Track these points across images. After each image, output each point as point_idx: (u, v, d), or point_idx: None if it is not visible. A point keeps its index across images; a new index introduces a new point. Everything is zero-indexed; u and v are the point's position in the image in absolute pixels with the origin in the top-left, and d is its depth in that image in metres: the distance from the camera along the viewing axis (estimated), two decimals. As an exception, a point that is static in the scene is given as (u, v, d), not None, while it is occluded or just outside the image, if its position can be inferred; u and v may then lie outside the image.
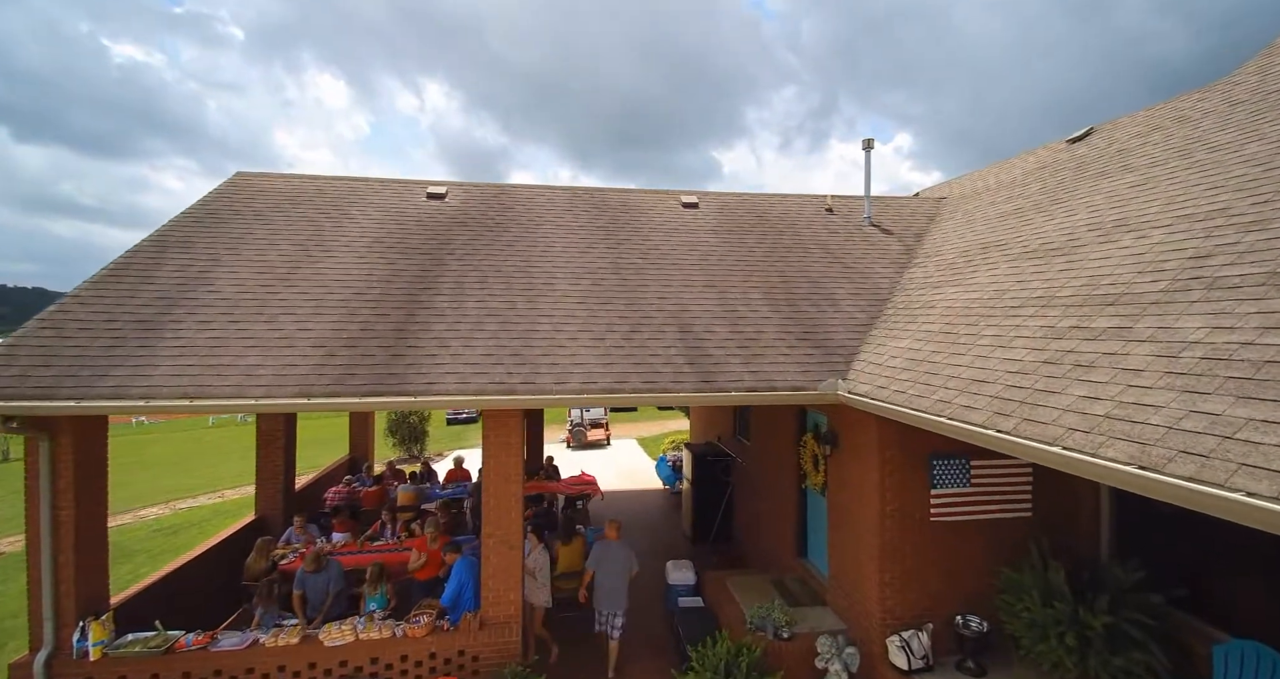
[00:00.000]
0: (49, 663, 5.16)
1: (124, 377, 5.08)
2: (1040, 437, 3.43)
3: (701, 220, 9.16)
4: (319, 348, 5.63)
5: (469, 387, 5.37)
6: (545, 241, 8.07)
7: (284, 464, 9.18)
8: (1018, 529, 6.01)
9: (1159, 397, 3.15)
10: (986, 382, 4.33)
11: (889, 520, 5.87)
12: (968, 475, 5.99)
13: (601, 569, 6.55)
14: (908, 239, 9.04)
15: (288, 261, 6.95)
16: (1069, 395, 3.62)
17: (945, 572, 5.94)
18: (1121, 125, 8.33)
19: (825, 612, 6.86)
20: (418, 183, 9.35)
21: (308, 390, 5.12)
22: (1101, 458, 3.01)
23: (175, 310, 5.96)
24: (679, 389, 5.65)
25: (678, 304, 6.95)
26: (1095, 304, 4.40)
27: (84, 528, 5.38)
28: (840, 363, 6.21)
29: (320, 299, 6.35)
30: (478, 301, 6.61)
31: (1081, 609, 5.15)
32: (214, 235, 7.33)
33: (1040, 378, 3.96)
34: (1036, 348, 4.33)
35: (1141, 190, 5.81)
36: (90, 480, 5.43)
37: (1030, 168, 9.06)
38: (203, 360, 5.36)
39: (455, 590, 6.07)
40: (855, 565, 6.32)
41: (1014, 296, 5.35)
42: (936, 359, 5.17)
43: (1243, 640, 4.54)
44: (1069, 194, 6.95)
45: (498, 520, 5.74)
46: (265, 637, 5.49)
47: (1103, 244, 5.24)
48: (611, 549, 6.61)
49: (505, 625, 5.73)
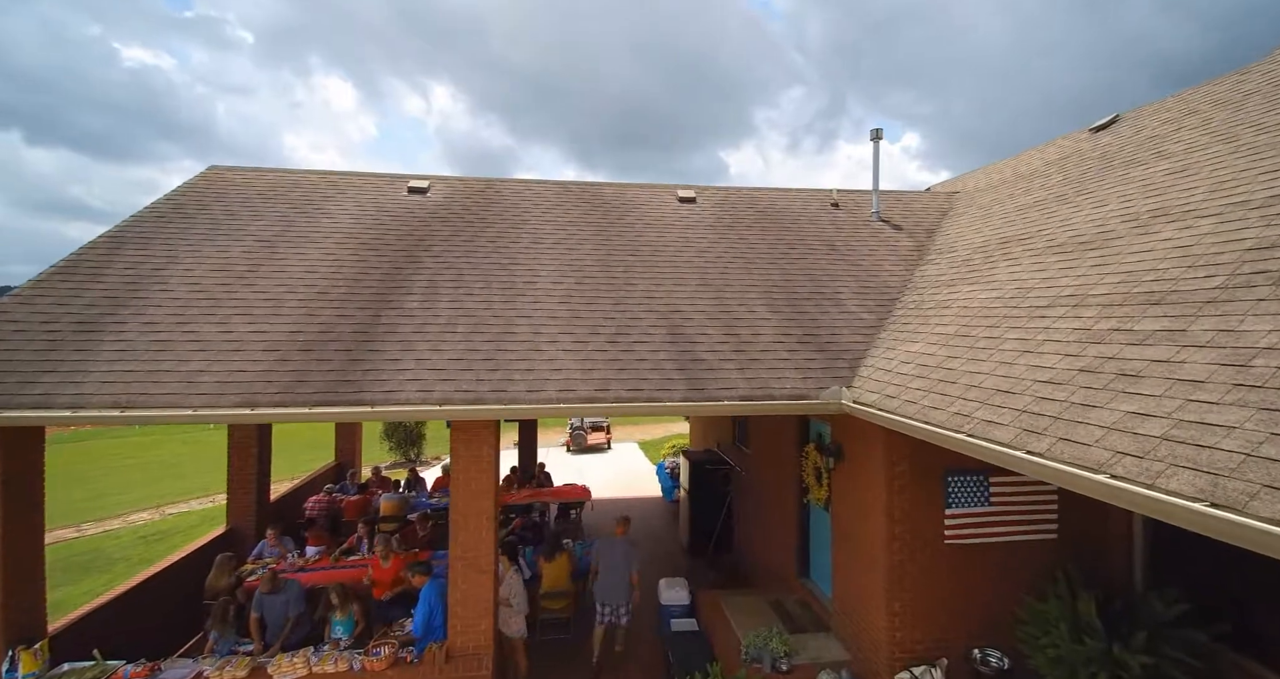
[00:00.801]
0: (-28, 697, 4.70)
1: (52, 384, 4.62)
2: (1082, 461, 2.87)
3: (698, 216, 8.63)
4: (270, 352, 5.14)
5: (433, 395, 4.87)
6: (530, 238, 7.57)
7: (256, 472, 8.70)
8: (1042, 553, 5.44)
9: (1229, 415, 2.59)
10: (1012, 392, 3.77)
11: (898, 542, 5.31)
12: (986, 493, 5.42)
13: (604, 564, 6.70)
14: (919, 235, 8.47)
15: (250, 259, 6.48)
16: (1114, 411, 3.06)
17: (961, 600, 5.38)
18: (1149, 112, 7.73)
19: (829, 639, 6.30)
20: (400, 177, 8.88)
21: (252, 400, 4.62)
22: (1162, 491, 2.46)
23: (121, 311, 5.49)
24: (666, 398, 5.12)
25: (669, 304, 6.42)
26: (1138, 303, 3.83)
27: (14, 548, 4.91)
28: (845, 369, 5.66)
29: (279, 299, 5.87)
30: (451, 301, 6.11)
31: (1116, 646, 4.58)
32: (176, 231, 6.87)
33: (1077, 389, 3.40)
34: (1070, 353, 3.76)
35: (1181, 177, 5.22)
36: (22, 497, 4.96)
37: (1051, 158, 8.47)
38: (142, 366, 4.88)
39: (425, 617, 5.54)
40: (861, 590, 5.76)
41: (1040, 295, 4.79)
42: (953, 366, 4.61)
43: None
44: (1096, 184, 6.37)
45: (466, 542, 5.22)
46: (211, 670, 4.99)
47: (1141, 236, 4.67)
48: (616, 546, 6.77)
49: (475, 658, 5.21)
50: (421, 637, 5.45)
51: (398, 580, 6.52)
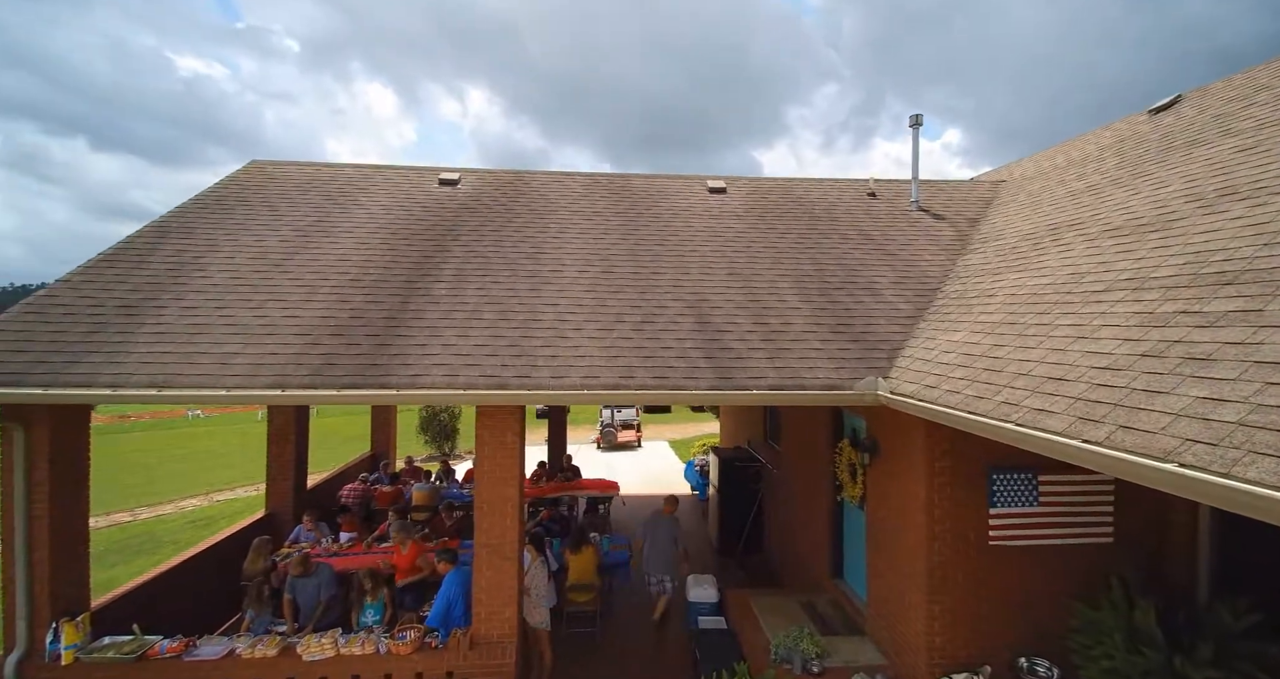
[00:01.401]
0: (20, 664, 4.89)
1: (95, 364, 4.77)
2: (1146, 450, 2.63)
3: (728, 205, 8.45)
4: (302, 336, 5.21)
5: (458, 380, 4.85)
6: (557, 227, 7.53)
7: (295, 460, 8.91)
8: (1096, 556, 5.10)
9: (1321, 398, 2.32)
10: (1066, 380, 3.51)
11: (939, 543, 5.05)
12: (1035, 492, 5.11)
13: (650, 539, 7.46)
14: (960, 224, 8.11)
15: (287, 247, 6.62)
16: (1182, 396, 2.80)
17: (1007, 605, 5.08)
18: (1214, 91, 7.21)
19: (863, 642, 6.05)
20: (432, 169, 8.97)
21: (283, 381, 4.69)
22: (1240, 480, 2.21)
23: (162, 296, 5.66)
24: (693, 386, 4.98)
25: (696, 293, 6.28)
26: (1207, 284, 3.52)
27: (61, 525, 5.09)
28: (882, 359, 5.42)
29: (313, 286, 5.96)
30: (478, 289, 6.10)
31: (1178, 659, 4.23)
32: (217, 221, 7.07)
33: (1139, 375, 3.13)
34: (1131, 338, 3.48)
35: (1251, 155, 4.83)
36: (68, 475, 5.15)
37: (1105, 142, 8.00)
38: (179, 348, 5.01)
39: (443, 608, 5.52)
40: (898, 593, 5.51)
41: (1096, 280, 4.48)
42: (999, 354, 4.35)
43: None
44: (1156, 165, 5.96)
45: (490, 528, 5.19)
46: (243, 647, 5.08)
47: (1207, 215, 4.32)
48: (661, 523, 7.49)
49: (499, 645, 5.18)
50: (437, 628, 5.43)
51: (414, 568, 6.54)
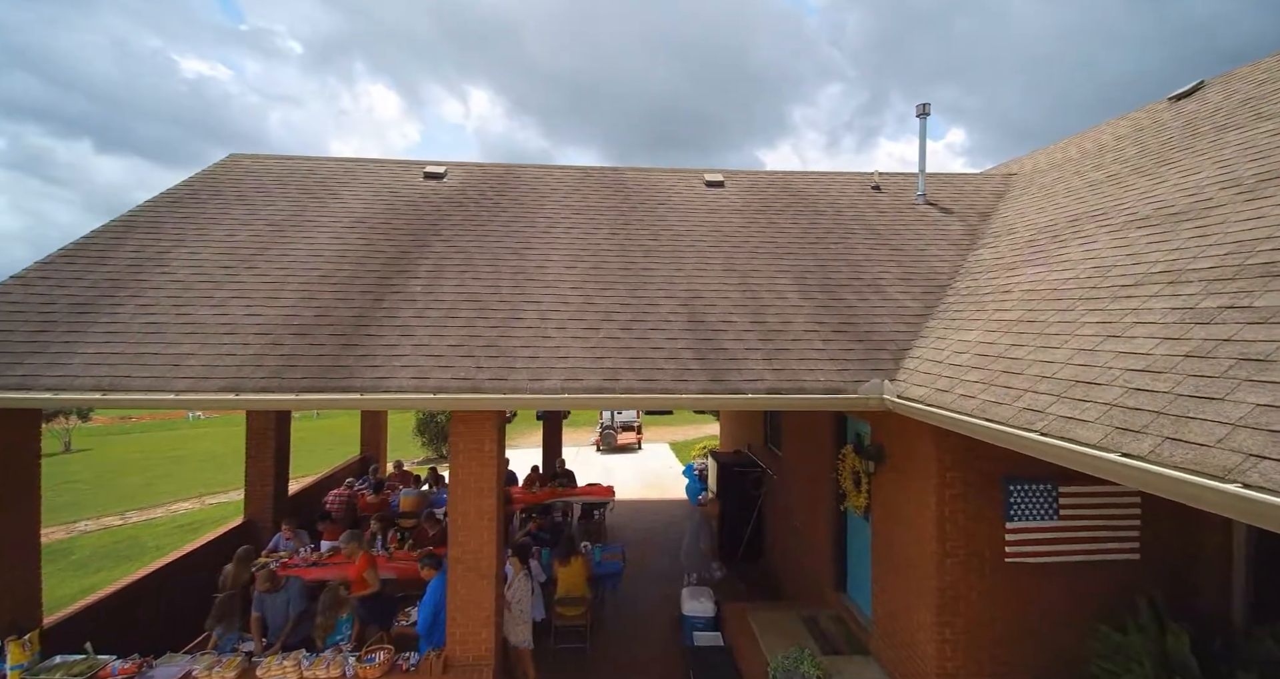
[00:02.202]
0: (-40, 690, 4.55)
1: (38, 366, 4.43)
2: (1201, 466, 2.23)
3: (726, 199, 8.07)
4: (263, 336, 4.85)
5: (427, 383, 4.48)
6: (546, 222, 7.17)
7: (275, 464, 8.56)
8: (1122, 575, 4.69)
9: None
10: (1097, 383, 3.11)
11: (951, 560, 4.66)
12: (1054, 505, 4.70)
13: (688, 534, 8.24)
14: (970, 218, 7.70)
15: (258, 243, 6.27)
16: (1240, 403, 2.40)
17: (1025, 627, 4.68)
18: (1239, 76, 6.79)
19: (868, 663, 5.65)
20: (417, 163, 8.62)
21: (237, 385, 4.33)
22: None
23: (119, 293, 5.31)
24: (683, 390, 4.60)
25: (690, 290, 5.90)
26: (1254, 276, 3.12)
27: (7, 536, 4.75)
28: (887, 360, 5.03)
29: (281, 282, 5.61)
30: (456, 285, 5.73)
31: (1215, 689, 3.84)
32: (187, 216, 6.73)
33: (1185, 378, 2.73)
34: (1172, 336, 3.09)
35: (1295, 137, 4.42)
36: (15, 482, 4.81)
37: (1123, 132, 7.58)
38: (131, 348, 4.66)
39: (430, 615, 5.16)
40: (906, 612, 5.11)
41: (1124, 273, 4.08)
42: (1018, 354, 3.95)
43: None
44: (1183, 153, 5.55)
45: (466, 542, 4.82)
46: (200, 669, 4.73)
47: (1249, 202, 3.91)
48: (694, 519, 8.29)
49: (475, 669, 4.80)
50: (426, 634, 5.09)
51: (362, 581, 6.11)
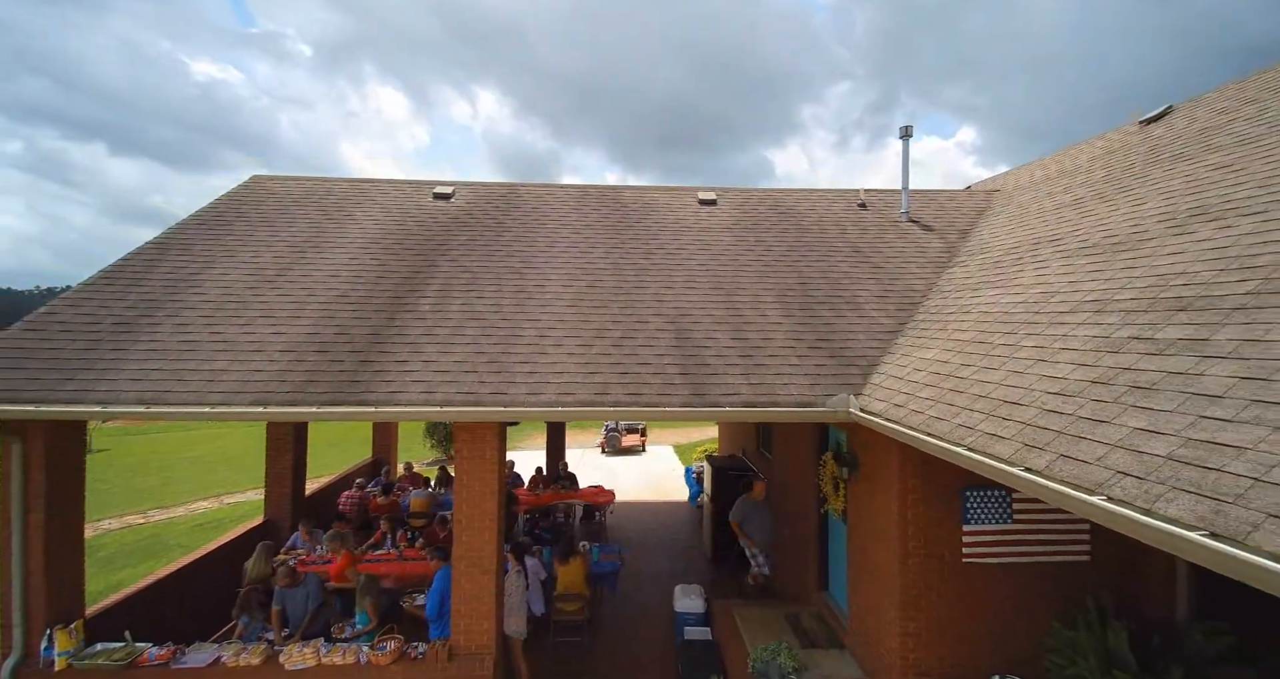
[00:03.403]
0: (15, 670, 5.07)
1: (87, 381, 4.95)
2: (1080, 481, 2.66)
3: (717, 218, 8.51)
4: (287, 353, 5.36)
5: (435, 396, 4.96)
6: (546, 241, 7.64)
7: (293, 466, 9.10)
8: (1073, 575, 5.09)
9: (1242, 434, 2.34)
10: (1020, 404, 3.53)
11: (913, 560, 5.07)
12: (1009, 510, 5.11)
13: (748, 523, 7.97)
14: (950, 236, 8.10)
15: (280, 263, 6.79)
16: (1122, 427, 2.82)
17: (982, 623, 5.09)
18: (1205, 102, 7.14)
19: (843, 656, 6.07)
20: (427, 183, 9.13)
21: (265, 398, 4.83)
22: (1160, 518, 2.24)
23: (157, 313, 5.84)
24: (666, 403, 5.05)
25: (678, 307, 6.35)
26: (1163, 310, 3.53)
27: (56, 534, 5.28)
28: (857, 375, 5.45)
29: (302, 301, 6.12)
30: (462, 304, 6.22)
31: (1147, 680, 4.23)
32: (216, 238, 7.27)
33: (1086, 402, 3.15)
34: (1085, 363, 3.50)
35: (1228, 172, 4.80)
36: (64, 486, 5.34)
37: (1097, 153, 7.95)
38: (170, 365, 5.18)
39: (438, 601, 5.66)
40: (874, 608, 5.53)
41: (1063, 299, 4.48)
42: (964, 374, 4.37)
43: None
44: (1139, 180, 5.93)
45: (470, 542, 5.29)
46: (228, 656, 5.24)
47: (1176, 236, 4.31)
48: (759, 508, 8.07)
49: (478, 657, 5.27)
50: (436, 617, 5.58)
51: (343, 576, 6.73)
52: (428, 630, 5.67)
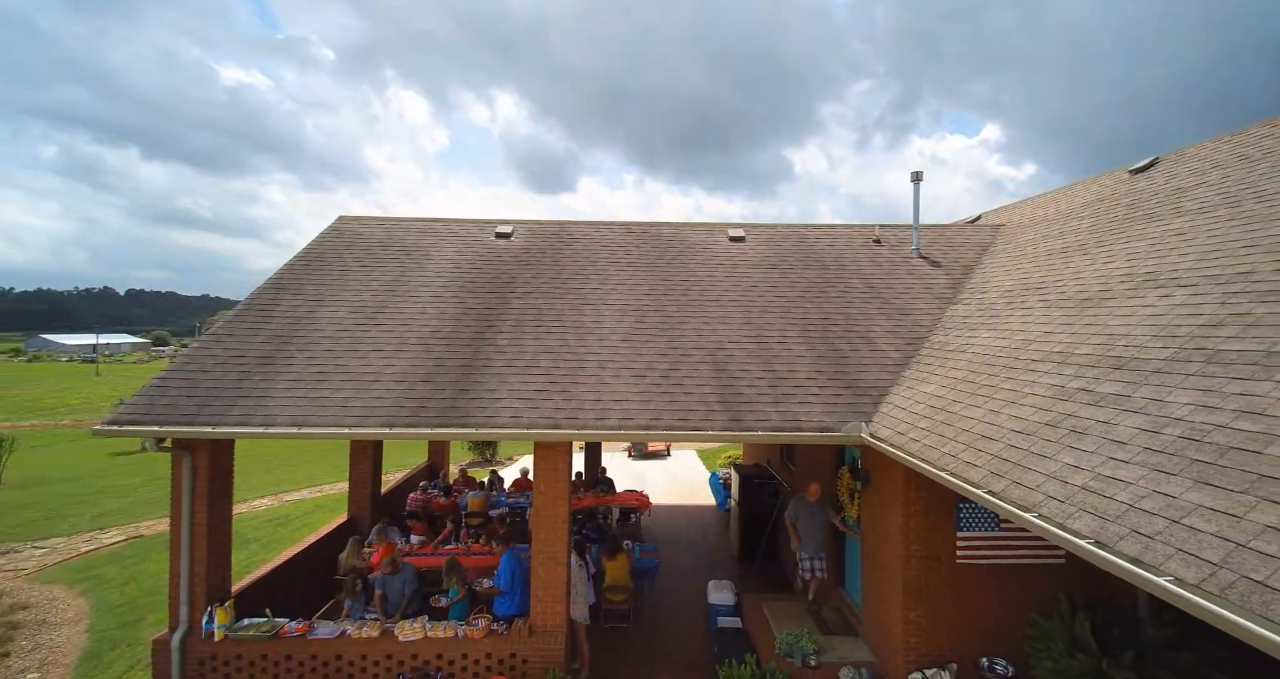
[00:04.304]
0: (183, 641, 6.34)
1: (249, 407, 6.21)
2: (1022, 501, 3.70)
3: (747, 255, 9.58)
4: (400, 382, 6.58)
5: (521, 420, 6.13)
6: (598, 279, 8.79)
7: (372, 471, 10.39)
8: (1050, 576, 6.07)
9: (1131, 472, 3.37)
10: (992, 439, 4.57)
11: (914, 561, 6.10)
12: (995, 520, 6.11)
13: (801, 523, 7.98)
14: (956, 272, 9.05)
15: (378, 301, 8.04)
16: (1057, 462, 3.85)
17: (972, 613, 6.09)
18: (1186, 157, 8.02)
19: (856, 643, 7.10)
20: (489, 222, 10.35)
21: (390, 422, 6.05)
22: (1067, 531, 3.28)
23: (288, 348, 7.11)
24: (709, 427, 6.16)
25: (715, 342, 7.44)
26: (1106, 366, 4.53)
27: (214, 529, 6.56)
28: (868, 405, 6.48)
29: (403, 337, 7.35)
30: (534, 338, 7.39)
31: (1106, 662, 5.20)
32: (319, 278, 8.56)
33: (1038, 441, 4.18)
34: (1043, 408, 4.52)
35: (1183, 240, 5.74)
36: (220, 490, 6.62)
37: (1089, 199, 8.85)
38: (309, 393, 6.42)
39: (509, 577, 6.99)
40: (882, 601, 6.56)
41: (1037, 349, 5.48)
42: (954, 409, 5.40)
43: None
44: (1115, 236, 6.87)
45: (546, 538, 6.46)
46: (351, 629, 6.47)
47: (1130, 299, 5.29)
48: (814, 509, 8.03)
49: (551, 634, 6.43)
50: (509, 589, 6.86)
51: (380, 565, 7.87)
52: (493, 606, 6.90)
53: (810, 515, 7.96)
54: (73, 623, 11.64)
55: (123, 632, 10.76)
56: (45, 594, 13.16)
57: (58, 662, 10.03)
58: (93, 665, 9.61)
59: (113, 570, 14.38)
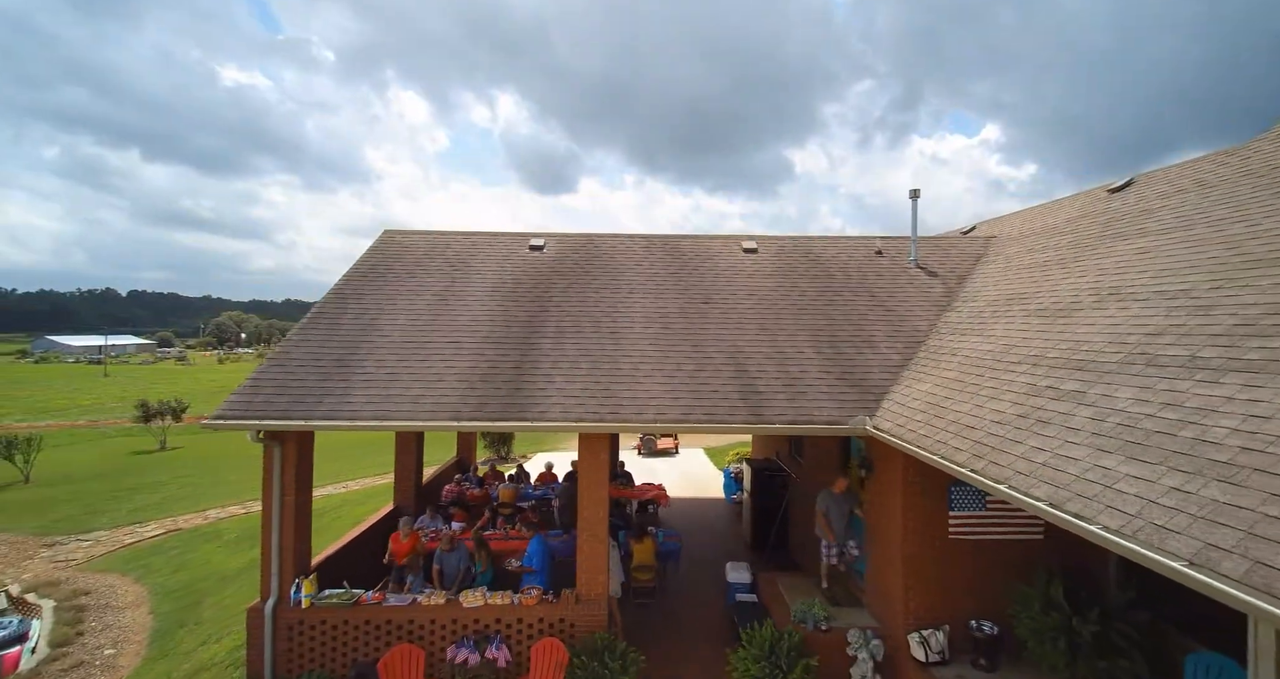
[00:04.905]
0: (274, 608, 7.26)
1: (333, 404, 7.14)
2: (996, 477, 4.63)
3: (759, 265, 10.51)
4: (462, 381, 7.51)
5: (570, 414, 7.06)
6: (626, 288, 9.72)
7: (415, 465, 11.32)
8: (1030, 549, 6.98)
9: (1079, 452, 4.30)
10: (975, 428, 5.49)
11: (911, 537, 7.02)
12: (982, 501, 7.03)
13: (833, 515, 8.37)
14: (950, 281, 9.98)
15: (432, 310, 8.97)
16: (1025, 445, 4.78)
17: (963, 582, 7.01)
18: (1157, 179, 8.94)
19: (861, 612, 8.03)
20: (522, 235, 11.27)
21: (457, 415, 6.98)
22: (1029, 495, 4.21)
23: (358, 352, 8.04)
24: (732, 420, 7.09)
25: (734, 346, 8.37)
26: (1070, 368, 5.46)
27: (298, 510, 7.49)
28: (872, 401, 7.41)
29: (458, 341, 8.28)
30: (574, 343, 8.32)
31: (1075, 620, 6.12)
32: (376, 288, 9.49)
33: (1012, 429, 5.11)
34: (1017, 402, 5.45)
35: (1143, 258, 6.67)
36: (303, 477, 7.55)
37: (1072, 215, 9.77)
38: (383, 391, 7.35)
39: (538, 557, 8.08)
40: (884, 573, 7.49)
41: (1017, 353, 6.41)
42: (945, 405, 6.33)
43: (1212, 653, 5.41)
44: (1090, 252, 7.79)
45: (589, 518, 7.39)
46: (421, 598, 7.39)
47: (1095, 310, 6.21)
48: (841, 501, 8.42)
49: (595, 602, 7.36)
50: (540, 568, 7.86)
51: (412, 550, 8.71)
52: (520, 582, 7.92)
53: (838, 506, 8.41)
54: (134, 606, 12.61)
55: (185, 613, 11.72)
56: (101, 582, 14.14)
57: (130, 639, 11.00)
58: (166, 642, 10.56)
59: (160, 560, 15.34)
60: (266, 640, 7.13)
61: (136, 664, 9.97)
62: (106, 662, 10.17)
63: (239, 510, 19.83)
